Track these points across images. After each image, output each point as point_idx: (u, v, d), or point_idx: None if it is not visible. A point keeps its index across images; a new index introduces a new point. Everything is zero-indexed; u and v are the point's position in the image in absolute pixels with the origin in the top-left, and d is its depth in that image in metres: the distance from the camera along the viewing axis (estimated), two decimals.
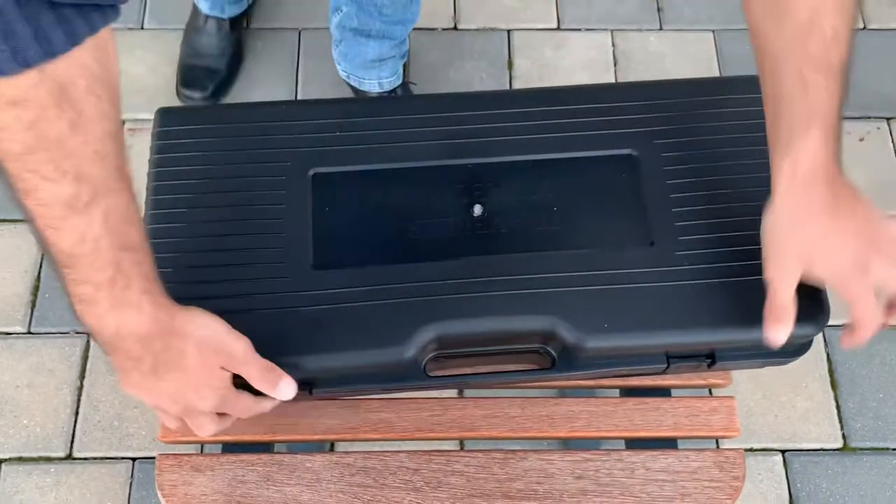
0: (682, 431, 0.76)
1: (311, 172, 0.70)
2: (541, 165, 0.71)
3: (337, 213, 0.69)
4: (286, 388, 0.61)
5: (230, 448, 0.75)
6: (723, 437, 0.77)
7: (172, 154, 0.71)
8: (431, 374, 0.68)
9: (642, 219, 0.68)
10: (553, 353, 0.66)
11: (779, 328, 0.59)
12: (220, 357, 0.58)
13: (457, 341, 0.66)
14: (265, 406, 0.64)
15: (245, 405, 0.63)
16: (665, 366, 0.67)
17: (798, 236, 0.58)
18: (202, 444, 0.79)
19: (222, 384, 0.59)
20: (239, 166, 0.70)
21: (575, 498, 0.73)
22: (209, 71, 1.44)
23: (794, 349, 0.69)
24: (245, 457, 0.74)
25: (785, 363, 0.71)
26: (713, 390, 0.80)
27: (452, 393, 0.88)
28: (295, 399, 0.72)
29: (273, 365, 0.60)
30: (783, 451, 1.18)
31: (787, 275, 0.58)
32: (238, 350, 0.58)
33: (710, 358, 0.68)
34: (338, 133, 0.72)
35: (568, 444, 0.97)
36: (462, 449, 0.77)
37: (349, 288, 0.65)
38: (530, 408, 0.75)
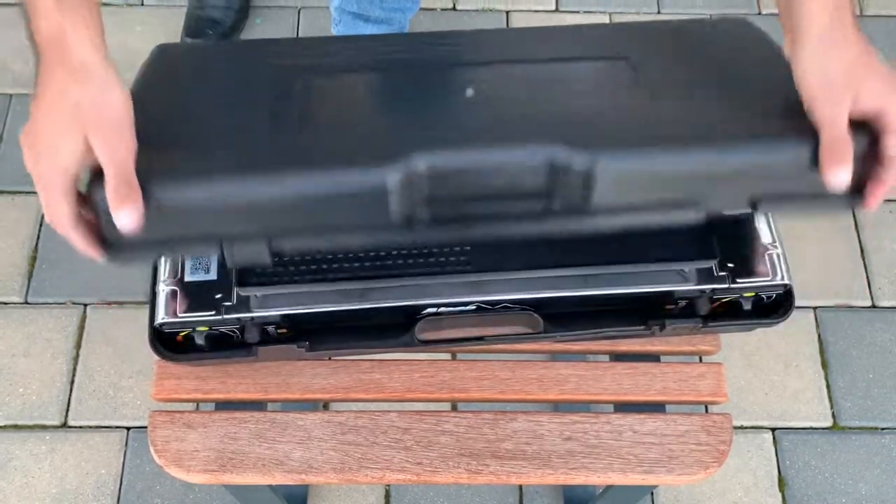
0: (670, 396, 0.77)
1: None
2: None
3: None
4: (126, 215, 0.51)
5: (223, 406, 0.76)
6: (710, 403, 0.77)
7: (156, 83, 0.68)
8: (422, 337, 0.69)
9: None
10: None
11: (840, 167, 0.55)
12: (93, 123, 0.51)
13: (449, 180, 0.56)
14: (75, 240, 0.55)
15: (59, 213, 0.53)
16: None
17: (843, 64, 0.57)
18: (196, 402, 0.79)
19: (60, 162, 0.51)
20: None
21: (563, 459, 0.74)
22: (213, 22, 1.47)
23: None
24: (238, 414, 0.75)
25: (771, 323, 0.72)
26: (702, 358, 0.81)
27: (444, 355, 0.89)
28: (289, 356, 0.74)
29: (136, 184, 0.51)
30: (773, 429, 1.19)
31: (840, 106, 0.56)
32: (124, 126, 0.52)
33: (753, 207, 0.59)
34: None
35: (557, 408, 0.98)
36: (452, 410, 0.77)
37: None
38: (520, 370, 0.76)
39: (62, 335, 1.23)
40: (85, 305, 1.25)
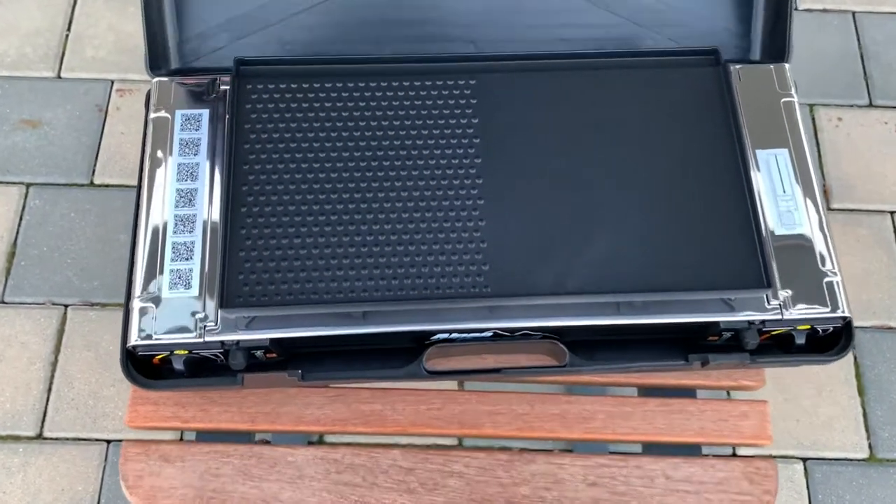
0: (708, 437, 0.69)
1: None
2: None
3: None
4: None
5: (204, 436, 0.68)
6: (753, 446, 0.69)
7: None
8: (431, 367, 0.62)
9: None
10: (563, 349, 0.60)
11: None
12: None
13: None
14: None
15: None
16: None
17: None
18: (176, 430, 0.72)
19: None
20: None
21: None
22: None
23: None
24: (221, 447, 0.67)
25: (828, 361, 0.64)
26: (743, 393, 0.73)
27: (453, 384, 0.81)
28: (281, 384, 0.66)
29: None
30: (804, 460, 1.11)
31: None
32: None
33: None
34: None
35: (573, 448, 0.90)
36: (462, 447, 0.69)
37: None
38: (540, 405, 0.68)
39: (40, 338, 1.15)
40: (65, 306, 1.17)
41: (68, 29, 1.33)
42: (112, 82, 1.30)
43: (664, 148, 0.64)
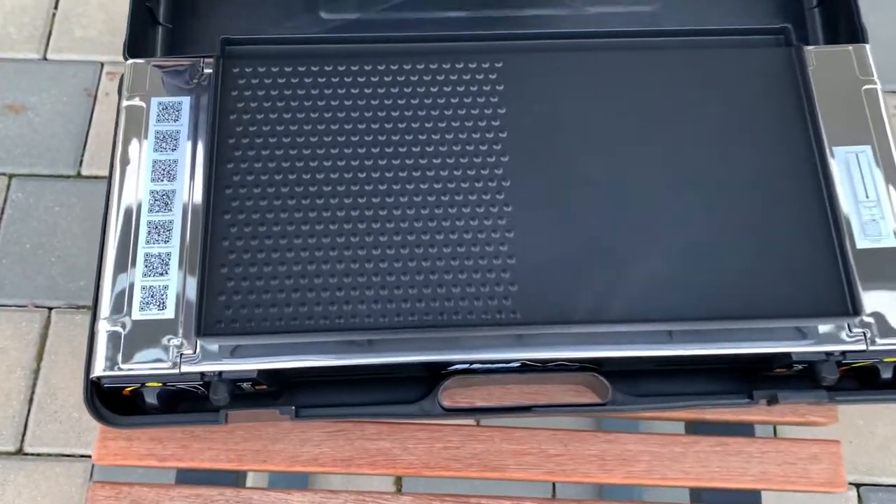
0: (772, 483, 0.59)
1: None
2: None
3: None
4: None
5: (185, 477, 0.60)
6: (824, 492, 0.60)
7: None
8: (448, 404, 0.52)
9: None
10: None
11: None
12: None
13: None
14: None
15: None
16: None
17: None
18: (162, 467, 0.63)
19: None
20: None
21: None
22: None
23: None
24: (203, 490, 0.58)
25: None
26: (810, 428, 0.64)
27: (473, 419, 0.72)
28: (271, 420, 0.57)
29: None
30: (858, 486, 1.01)
31: None
32: None
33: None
34: None
35: (601, 493, 0.81)
36: (483, 494, 0.60)
37: None
38: (575, 444, 0.59)
39: (21, 344, 1.06)
40: (49, 309, 1.08)
41: (55, 7, 1.24)
42: (102, 65, 1.20)
43: (726, 145, 0.54)
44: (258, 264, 0.51)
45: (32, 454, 1.01)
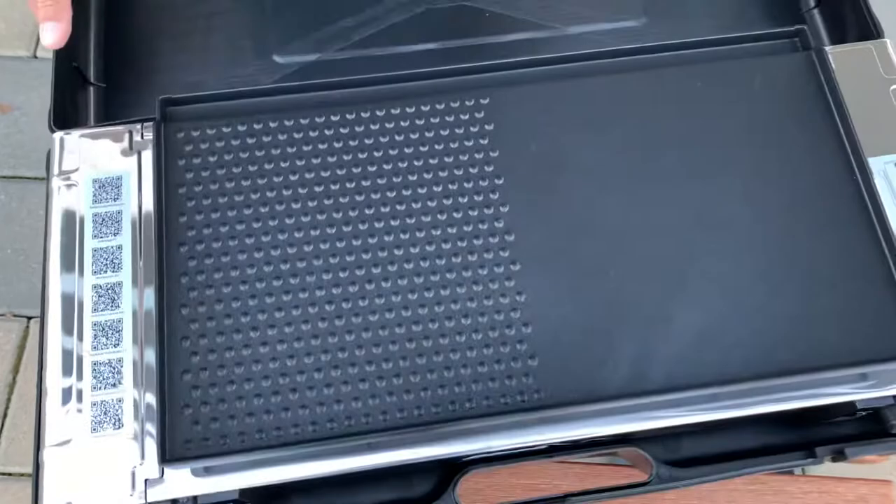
0: None
1: None
2: None
3: None
4: (49, 31, 0.49)
5: None
6: None
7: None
8: (467, 502, 0.41)
9: None
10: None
11: None
12: None
13: None
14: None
15: None
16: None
17: None
18: None
19: None
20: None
21: None
22: None
23: None
24: None
25: None
26: (855, 466, 0.54)
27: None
28: None
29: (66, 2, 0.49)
30: None
31: None
32: None
33: None
34: None
35: None
36: None
37: None
38: (591, 480, 0.46)
39: None
40: (28, 318, 0.94)
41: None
42: None
43: (754, 170, 0.44)
44: (228, 366, 0.40)
45: (3, 474, 0.87)
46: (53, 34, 0.50)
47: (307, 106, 0.46)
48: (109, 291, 0.44)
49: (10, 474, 0.89)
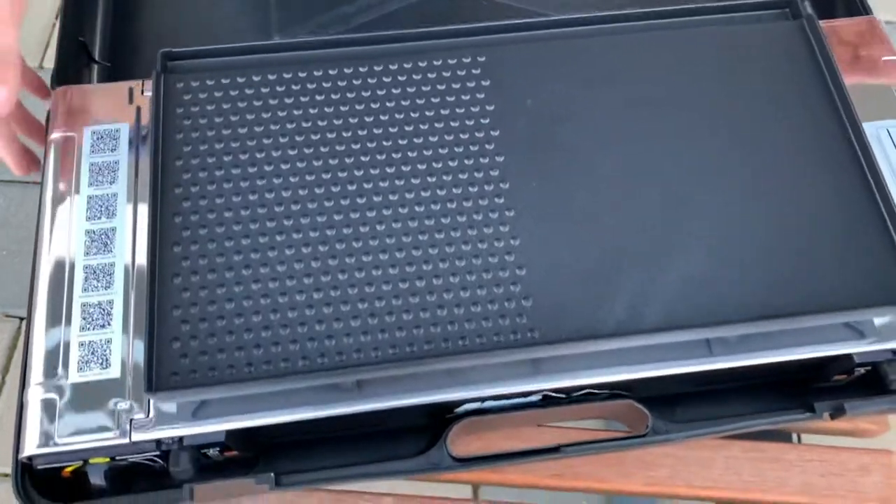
0: (815, 497, 0.47)
1: None
2: None
3: None
4: None
5: None
6: None
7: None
8: (458, 453, 0.39)
9: None
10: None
11: None
12: None
13: None
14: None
15: None
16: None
17: None
18: None
19: None
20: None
21: None
22: None
23: None
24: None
25: None
26: (855, 438, 0.52)
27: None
28: (246, 493, 0.43)
29: (11, 52, 0.41)
30: None
31: None
32: None
33: None
34: None
35: (611, 502, 0.68)
36: (478, 500, 0.47)
37: None
38: None
39: None
40: (21, 319, 0.91)
41: (56, 17, 1.10)
42: None
43: (749, 127, 0.43)
44: (218, 301, 0.38)
45: None
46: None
47: (306, 61, 0.45)
48: (102, 237, 0.43)
49: None
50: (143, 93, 0.47)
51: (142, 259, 0.41)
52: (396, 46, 0.46)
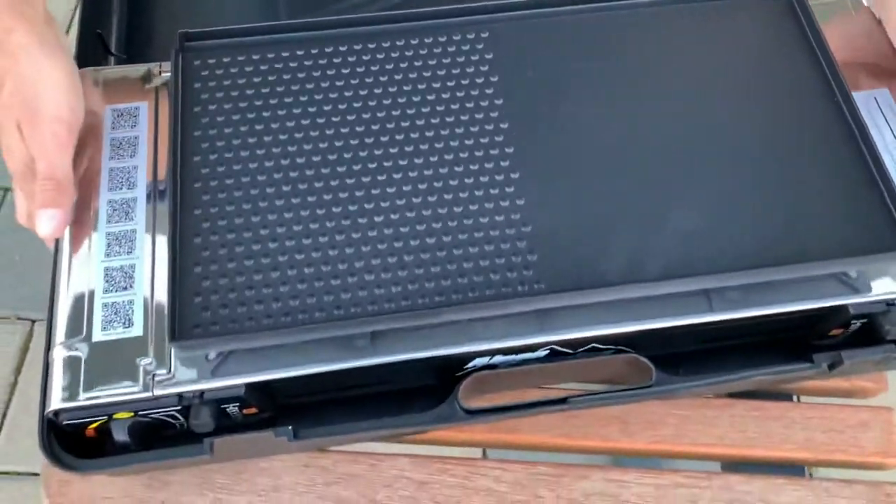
0: (817, 452, 0.48)
1: None
2: None
3: None
4: (48, 217, 0.40)
5: None
6: (876, 467, 0.49)
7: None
8: (469, 405, 0.40)
9: None
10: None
11: None
12: (20, 113, 0.42)
13: None
14: (27, 211, 0.43)
15: (17, 203, 0.44)
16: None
17: None
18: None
19: (8, 155, 0.43)
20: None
21: None
22: None
23: None
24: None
25: None
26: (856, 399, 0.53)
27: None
28: (263, 450, 0.44)
29: (66, 185, 0.41)
30: None
31: None
32: (48, 116, 0.41)
33: None
34: None
35: (618, 462, 0.67)
36: (490, 458, 0.48)
37: None
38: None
39: None
40: (33, 322, 0.92)
41: (68, 30, 1.12)
42: None
43: (743, 94, 0.44)
44: (238, 259, 0.39)
45: (2, 473, 0.83)
46: (52, 223, 0.40)
47: (317, 40, 0.47)
48: (124, 205, 0.44)
49: (7, 473, 0.86)
50: (160, 74, 0.48)
51: (162, 225, 0.42)
52: (404, 25, 0.47)
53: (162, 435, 0.41)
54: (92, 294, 0.41)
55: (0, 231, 1.00)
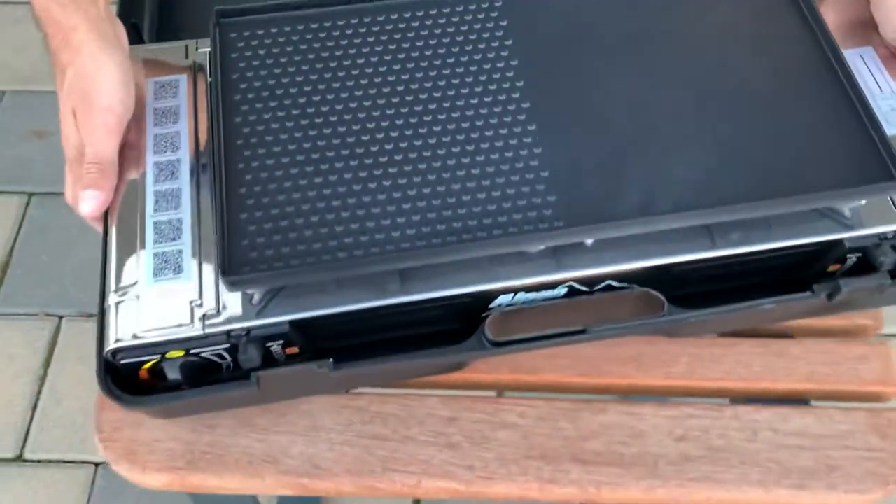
0: (819, 384, 0.50)
1: None
2: None
3: None
4: (89, 197, 0.44)
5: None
6: (874, 398, 0.51)
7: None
8: (495, 337, 0.43)
9: None
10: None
11: None
12: (76, 101, 0.45)
13: None
14: (73, 192, 0.45)
15: (67, 188, 0.46)
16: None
17: None
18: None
19: (66, 141, 0.46)
20: None
21: (676, 466, 0.47)
22: None
23: None
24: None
25: None
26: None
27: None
28: (305, 385, 0.46)
29: (110, 170, 0.44)
30: None
31: None
32: (100, 106, 0.44)
33: None
34: None
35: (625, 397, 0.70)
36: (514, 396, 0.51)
37: None
38: (610, 347, 0.49)
39: (29, 351, 0.92)
40: (60, 318, 0.95)
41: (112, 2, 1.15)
42: None
43: (739, 46, 0.47)
44: (280, 206, 0.42)
45: (33, 460, 0.86)
46: (92, 203, 0.43)
47: (348, 13, 0.49)
48: (169, 166, 0.46)
49: (39, 461, 0.89)
50: (197, 49, 0.51)
51: (205, 183, 0.45)
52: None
53: (210, 381, 0.44)
54: (143, 245, 0.43)
55: (28, 233, 1.03)
